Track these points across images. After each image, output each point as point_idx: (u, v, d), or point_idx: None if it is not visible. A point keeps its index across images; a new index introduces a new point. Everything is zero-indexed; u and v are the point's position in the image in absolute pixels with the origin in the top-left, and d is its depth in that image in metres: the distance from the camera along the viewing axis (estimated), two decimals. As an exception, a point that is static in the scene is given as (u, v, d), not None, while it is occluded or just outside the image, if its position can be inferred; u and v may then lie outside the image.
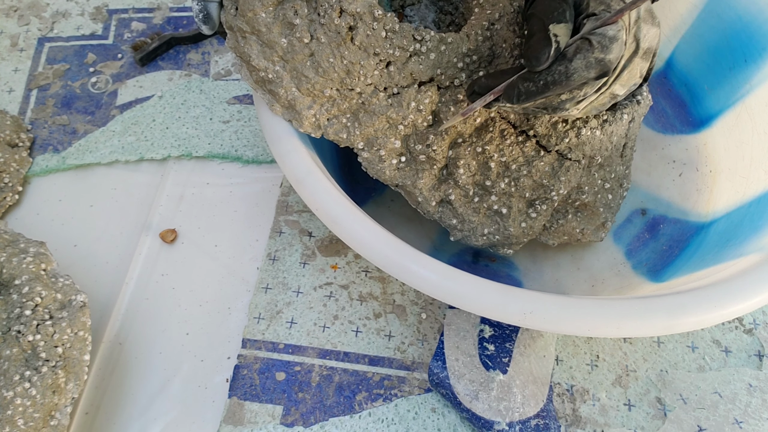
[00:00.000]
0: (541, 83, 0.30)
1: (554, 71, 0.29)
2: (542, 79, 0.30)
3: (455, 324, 0.42)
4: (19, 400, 0.35)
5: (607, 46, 0.28)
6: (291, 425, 0.41)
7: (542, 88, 0.30)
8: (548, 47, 0.29)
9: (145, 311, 0.46)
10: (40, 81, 0.58)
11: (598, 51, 0.28)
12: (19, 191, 0.51)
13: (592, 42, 0.28)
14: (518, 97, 0.31)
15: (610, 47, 0.28)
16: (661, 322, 0.32)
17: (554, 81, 0.29)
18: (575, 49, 0.29)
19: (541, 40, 0.29)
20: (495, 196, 0.40)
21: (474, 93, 0.34)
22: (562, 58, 0.29)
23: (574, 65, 0.29)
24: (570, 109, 0.32)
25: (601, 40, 0.28)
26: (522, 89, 0.31)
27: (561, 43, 0.29)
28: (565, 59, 0.29)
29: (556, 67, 0.29)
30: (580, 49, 0.29)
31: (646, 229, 0.48)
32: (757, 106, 0.46)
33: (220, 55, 0.60)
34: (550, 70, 0.29)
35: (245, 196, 0.52)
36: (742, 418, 0.40)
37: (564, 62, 0.29)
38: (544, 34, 0.29)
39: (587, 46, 0.28)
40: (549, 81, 0.30)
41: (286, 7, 0.35)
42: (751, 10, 0.45)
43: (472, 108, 0.34)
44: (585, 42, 0.28)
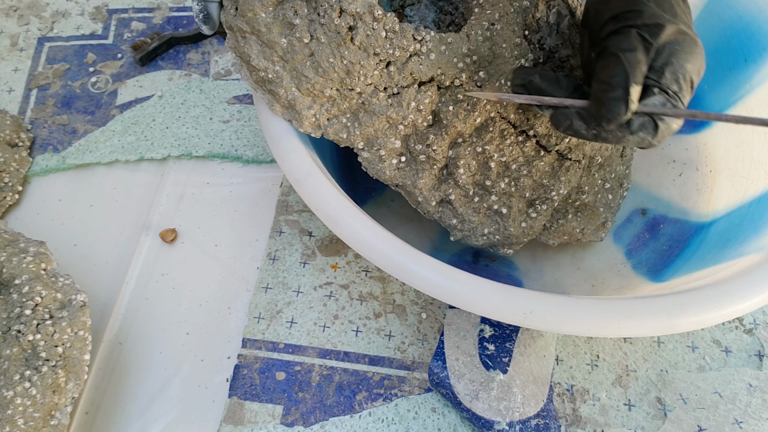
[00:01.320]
0: (593, 133, 0.30)
1: (612, 132, 0.29)
2: (596, 132, 0.30)
3: (455, 324, 0.42)
4: (19, 399, 0.35)
5: (666, 136, 0.29)
6: (291, 425, 0.41)
7: (592, 137, 0.30)
8: (624, 114, 0.28)
9: (145, 311, 0.46)
10: (40, 81, 0.58)
11: (658, 138, 0.29)
12: (19, 191, 0.51)
13: (658, 128, 0.28)
14: (566, 129, 0.31)
15: (665, 136, 0.29)
16: (661, 322, 0.32)
17: (606, 138, 0.29)
18: (641, 125, 0.29)
19: (620, 102, 0.28)
20: (495, 195, 0.40)
21: (521, 86, 0.33)
22: (626, 126, 0.29)
23: (631, 138, 0.29)
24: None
25: (666, 130, 0.29)
26: (574, 125, 0.30)
27: (633, 110, 0.29)
28: (628, 129, 0.29)
29: (615, 130, 0.29)
30: (645, 128, 0.29)
31: (646, 229, 0.48)
32: (757, 106, 0.46)
33: (220, 55, 0.60)
34: (609, 129, 0.29)
35: (245, 196, 0.52)
36: (742, 418, 0.40)
37: (625, 131, 0.29)
38: (624, 95, 0.28)
39: (652, 129, 0.28)
40: (602, 136, 0.29)
41: (286, 7, 0.35)
42: (751, 10, 0.45)
43: (511, 98, 0.33)
44: (651, 123, 0.28)
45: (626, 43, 0.29)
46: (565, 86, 0.32)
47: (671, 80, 0.29)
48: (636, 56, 0.29)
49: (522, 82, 0.34)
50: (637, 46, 0.29)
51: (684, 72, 0.29)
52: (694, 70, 0.29)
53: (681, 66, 0.29)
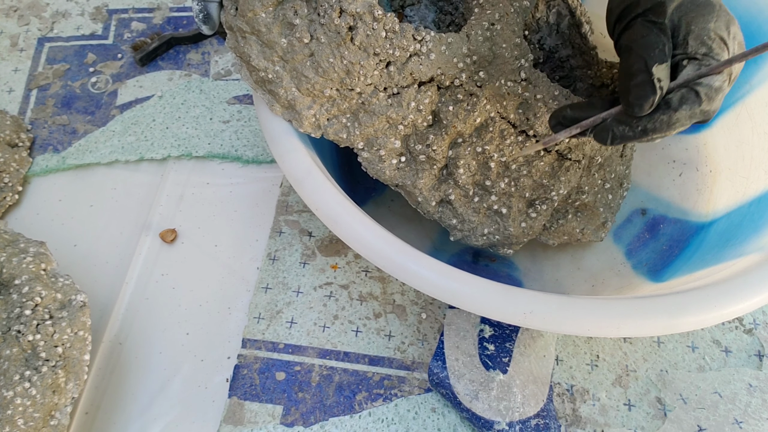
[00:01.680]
0: (639, 129, 0.29)
1: (656, 119, 0.28)
2: (641, 126, 0.28)
3: (455, 324, 0.42)
4: (19, 399, 0.35)
5: (713, 97, 0.27)
6: (291, 425, 0.41)
7: (640, 134, 0.29)
8: (653, 95, 0.27)
9: (145, 311, 0.46)
10: (40, 81, 0.58)
11: (705, 103, 0.27)
12: (19, 191, 0.51)
13: (699, 94, 0.27)
14: (612, 140, 0.30)
15: (715, 98, 0.27)
16: (661, 322, 0.32)
17: (654, 129, 0.28)
18: (680, 99, 0.27)
19: (644, 84, 0.27)
20: (495, 196, 0.40)
21: (558, 124, 0.33)
22: (666, 106, 0.28)
23: (678, 116, 0.27)
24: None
25: (708, 92, 0.27)
26: (617, 133, 0.29)
27: (664, 89, 0.27)
28: (670, 108, 0.27)
29: (659, 116, 0.28)
30: (686, 99, 0.27)
31: (646, 229, 0.48)
32: (756, 106, 0.46)
33: (220, 55, 0.60)
34: (651, 117, 0.28)
35: (245, 196, 0.52)
36: (742, 418, 0.40)
37: (668, 112, 0.28)
38: (647, 77, 0.27)
39: (694, 97, 0.27)
40: (649, 128, 0.28)
41: (286, 7, 0.35)
42: (751, 11, 0.45)
43: (555, 138, 0.33)
44: (691, 92, 0.27)
45: (635, 33, 0.29)
46: (599, 105, 0.31)
47: (696, 46, 0.28)
48: (648, 40, 0.28)
49: (558, 121, 0.33)
50: (645, 32, 0.28)
51: (707, 32, 0.28)
52: (720, 27, 0.28)
53: (702, 28, 0.28)
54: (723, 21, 0.28)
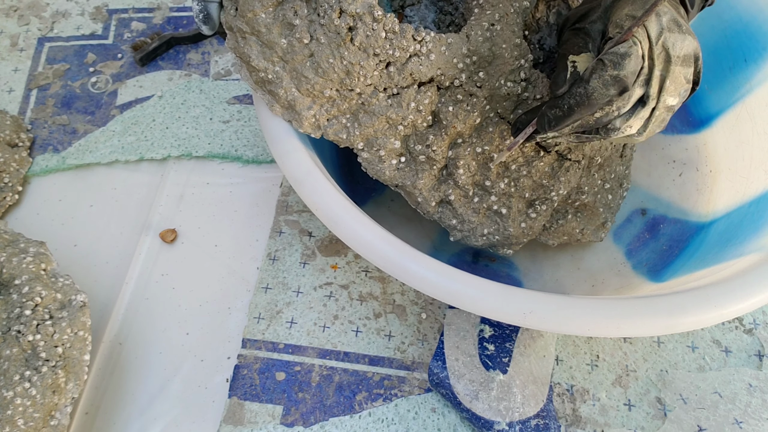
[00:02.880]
0: (565, 107, 0.31)
1: (574, 93, 0.31)
2: (566, 103, 0.31)
3: (455, 324, 0.42)
4: (19, 400, 0.35)
5: (619, 62, 0.29)
6: (291, 425, 0.41)
7: (568, 112, 0.31)
8: (564, 71, 0.31)
9: (145, 311, 0.46)
10: (40, 81, 0.58)
11: (611, 68, 0.29)
12: (19, 191, 0.51)
13: (604, 61, 0.29)
14: (549, 124, 0.32)
15: (622, 63, 0.29)
16: (661, 322, 0.32)
17: (577, 103, 0.31)
18: (590, 70, 0.30)
19: (561, 69, 0.32)
20: (495, 196, 0.40)
21: (518, 129, 0.36)
22: (579, 81, 0.30)
23: (591, 85, 0.30)
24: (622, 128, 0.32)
25: (613, 58, 0.29)
26: (550, 116, 0.32)
27: (579, 68, 0.31)
28: (583, 81, 0.30)
29: (575, 90, 0.31)
30: (595, 69, 0.30)
31: (646, 229, 0.48)
32: (757, 106, 0.46)
33: (220, 55, 0.60)
34: (570, 92, 0.31)
35: (245, 196, 0.52)
36: (742, 418, 0.40)
37: (582, 84, 0.30)
38: (565, 65, 0.31)
39: (601, 66, 0.30)
40: (572, 103, 0.31)
41: (286, 7, 0.35)
42: (751, 10, 0.45)
43: (515, 142, 0.35)
44: (599, 63, 0.30)
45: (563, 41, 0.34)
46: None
47: (612, 29, 0.31)
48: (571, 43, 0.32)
49: (516, 127, 0.36)
50: (569, 37, 0.33)
51: (620, 16, 0.31)
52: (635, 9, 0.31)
53: (618, 15, 0.31)
54: (639, 3, 0.31)
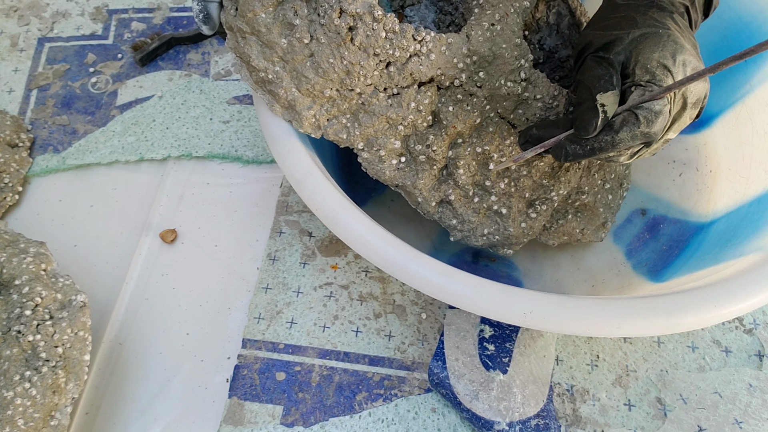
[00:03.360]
0: (588, 148, 0.32)
1: (601, 140, 0.31)
2: (589, 145, 0.31)
3: (455, 324, 0.42)
4: (19, 400, 0.35)
5: (653, 120, 0.29)
6: (291, 425, 0.41)
7: (588, 153, 0.32)
8: (596, 118, 0.30)
9: (145, 311, 0.46)
10: (40, 81, 0.58)
11: (644, 125, 0.30)
12: (19, 191, 0.51)
13: (638, 117, 0.30)
14: (565, 157, 0.33)
15: (655, 122, 0.30)
16: (661, 322, 0.32)
17: (600, 148, 0.31)
18: (622, 121, 0.30)
19: (589, 109, 0.31)
20: (495, 196, 0.40)
21: (526, 142, 0.36)
22: (609, 128, 0.30)
23: (620, 136, 0.30)
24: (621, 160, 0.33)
25: (648, 115, 0.29)
26: (569, 151, 0.32)
27: (608, 113, 0.31)
28: (612, 130, 0.30)
29: (603, 137, 0.31)
30: (627, 122, 0.30)
31: (646, 229, 0.48)
32: (756, 106, 0.46)
33: (220, 55, 0.60)
34: (597, 138, 0.31)
35: (245, 196, 0.52)
36: (742, 418, 0.40)
37: (611, 133, 0.30)
38: (591, 103, 0.30)
39: (634, 120, 0.30)
40: (595, 147, 0.31)
41: (286, 7, 0.35)
42: (751, 10, 0.45)
43: (523, 156, 0.36)
44: (632, 116, 0.30)
45: (585, 67, 0.32)
46: (562, 125, 0.34)
47: (641, 74, 0.31)
48: (594, 72, 0.31)
49: (525, 140, 0.36)
50: (593, 65, 0.32)
51: (650, 61, 0.31)
52: (665, 56, 0.31)
53: (647, 58, 0.31)
54: (669, 50, 0.31)
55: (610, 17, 0.34)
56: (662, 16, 0.33)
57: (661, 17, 0.33)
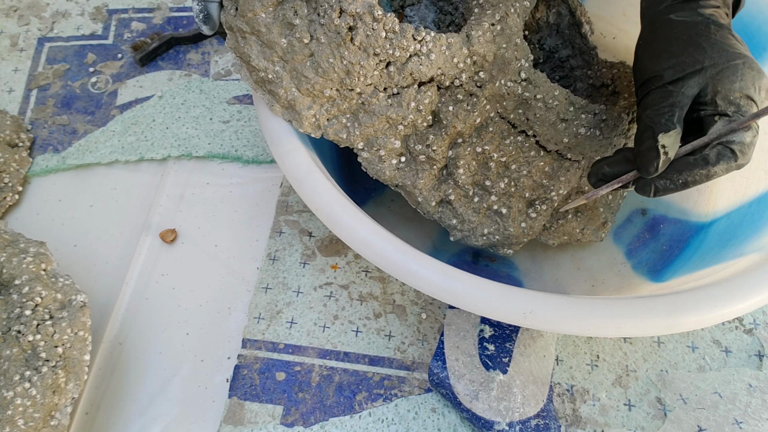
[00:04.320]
0: (680, 182, 0.31)
1: (696, 174, 0.31)
2: (682, 180, 0.31)
3: (455, 324, 0.42)
4: (19, 400, 0.35)
5: (746, 152, 0.30)
6: (291, 425, 0.41)
7: (681, 186, 0.31)
8: (657, 159, 0.30)
9: (145, 311, 0.46)
10: (40, 81, 0.58)
11: (741, 158, 0.30)
12: (19, 191, 0.51)
13: (734, 151, 0.30)
14: (655, 193, 0.32)
15: (748, 153, 0.30)
16: (661, 322, 0.31)
17: (695, 181, 0.31)
18: (717, 155, 0.30)
19: (650, 150, 0.31)
20: (495, 196, 0.40)
21: (599, 180, 0.35)
22: (704, 162, 0.30)
23: (716, 169, 0.30)
24: None
25: (742, 148, 0.30)
26: (659, 186, 0.32)
27: (670, 154, 0.31)
28: (708, 164, 0.30)
29: (697, 171, 0.31)
30: (722, 156, 0.30)
31: (646, 229, 0.48)
32: (757, 106, 0.46)
33: (220, 55, 0.60)
34: (692, 172, 0.31)
35: (245, 196, 0.52)
36: (742, 418, 0.40)
37: (707, 167, 0.30)
38: (653, 143, 0.30)
39: (729, 154, 0.30)
40: (689, 181, 0.31)
41: (286, 7, 0.35)
42: (751, 10, 0.45)
43: (597, 193, 0.35)
44: (726, 150, 0.30)
45: (649, 101, 0.32)
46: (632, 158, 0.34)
47: (725, 105, 0.31)
48: (658, 110, 0.31)
49: (598, 179, 0.35)
50: (659, 100, 0.31)
51: (733, 92, 0.31)
52: (746, 86, 0.31)
53: (728, 89, 0.31)
54: (749, 79, 0.31)
55: (672, 39, 0.33)
56: (724, 36, 0.32)
57: (724, 37, 0.32)
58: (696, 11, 0.33)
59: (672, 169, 0.31)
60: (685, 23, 0.33)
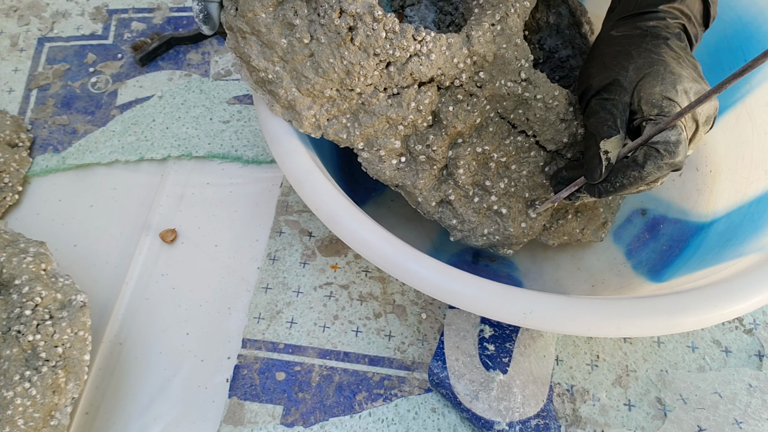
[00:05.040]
0: (617, 185, 0.33)
1: (629, 176, 0.32)
2: (618, 182, 0.33)
3: (455, 324, 0.42)
4: (19, 400, 0.35)
5: (674, 150, 0.31)
6: (291, 425, 0.41)
7: (620, 188, 0.33)
8: (600, 165, 0.32)
9: (145, 311, 0.46)
10: (40, 81, 0.58)
11: (667, 157, 0.31)
12: (19, 191, 0.51)
13: (659, 150, 0.31)
14: (599, 194, 0.34)
15: (676, 151, 0.31)
16: (661, 322, 0.32)
17: (630, 183, 0.33)
18: (644, 155, 0.31)
19: (593, 157, 0.33)
20: (495, 196, 0.40)
21: (559, 183, 0.38)
22: (634, 164, 0.32)
23: (646, 170, 0.31)
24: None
25: (667, 147, 0.31)
26: (602, 189, 0.34)
27: (612, 158, 0.32)
28: (638, 165, 0.32)
29: (630, 173, 0.32)
30: (650, 156, 0.31)
31: (646, 229, 0.48)
32: (757, 106, 0.46)
33: (220, 55, 0.60)
34: (625, 174, 0.32)
35: (245, 196, 0.52)
36: (742, 418, 0.40)
37: (637, 168, 0.32)
38: (596, 150, 0.32)
39: (656, 154, 0.31)
40: (625, 183, 0.33)
41: (286, 7, 0.35)
42: (751, 10, 0.45)
43: (558, 197, 0.38)
44: (652, 150, 0.31)
45: (589, 111, 0.34)
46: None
47: (649, 109, 0.32)
48: (598, 117, 0.33)
49: (558, 181, 0.38)
50: (597, 109, 0.33)
51: (654, 96, 0.32)
52: (666, 88, 0.32)
53: (650, 93, 0.32)
54: (669, 82, 0.32)
55: (606, 52, 0.35)
56: (657, 44, 0.34)
57: (656, 46, 0.34)
58: (635, 25, 0.35)
59: (611, 172, 0.33)
60: (623, 37, 0.35)
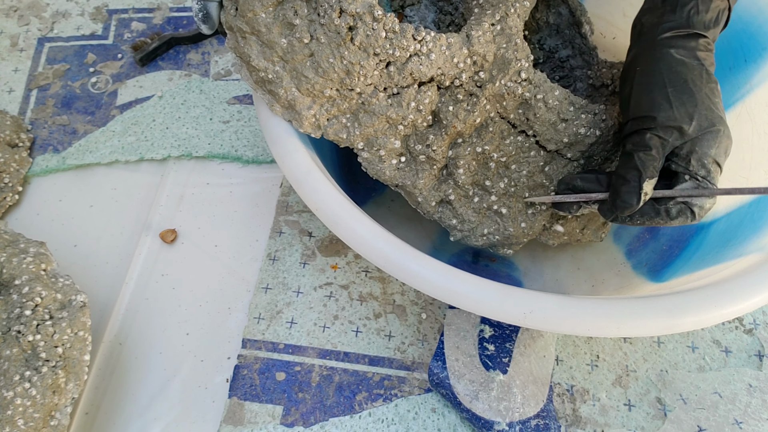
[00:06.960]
0: (638, 222, 0.34)
1: (654, 220, 0.33)
2: (639, 220, 0.34)
3: (455, 324, 0.42)
4: (19, 400, 0.35)
5: (703, 216, 0.33)
6: (291, 425, 0.41)
7: (638, 225, 0.34)
8: (636, 204, 0.33)
9: (145, 311, 0.46)
10: (40, 81, 0.58)
11: (698, 217, 0.33)
12: (19, 191, 0.51)
13: (694, 213, 0.33)
14: (614, 220, 0.35)
15: (704, 215, 0.33)
16: (661, 322, 0.31)
17: (649, 223, 0.34)
18: (678, 212, 0.33)
19: (633, 194, 0.33)
20: (495, 196, 0.40)
21: (567, 189, 0.37)
22: (666, 214, 0.33)
23: (672, 222, 0.33)
24: None
25: (700, 212, 0.33)
26: (620, 218, 0.35)
27: (646, 199, 0.33)
28: (669, 217, 0.33)
29: (657, 219, 0.33)
30: (683, 213, 0.33)
31: (646, 229, 0.48)
32: (757, 106, 0.46)
33: (220, 55, 0.60)
34: (652, 218, 0.33)
35: (245, 196, 0.52)
36: (742, 418, 0.40)
37: (666, 219, 0.33)
38: (637, 188, 0.33)
39: (689, 214, 0.33)
40: (645, 222, 0.34)
41: (286, 7, 0.35)
42: (751, 10, 0.45)
43: (563, 199, 0.37)
44: (688, 210, 0.33)
45: (641, 143, 0.33)
46: (605, 183, 0.36)
47: (698, 167, 0.32)
48: (649, 155, 0.33)
49: (567, 186, 0.38)
50: (651, 145, 0.33)
51: (706, 156, 0.32)
52: (719, 153, 0.33)
53: (705, 153, 0.32)
54: (723, 147, 0.33)
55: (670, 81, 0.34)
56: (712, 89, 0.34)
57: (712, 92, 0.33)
58: (694, 52, 0.34)
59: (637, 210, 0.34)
60: (684, 64, 0.34)
